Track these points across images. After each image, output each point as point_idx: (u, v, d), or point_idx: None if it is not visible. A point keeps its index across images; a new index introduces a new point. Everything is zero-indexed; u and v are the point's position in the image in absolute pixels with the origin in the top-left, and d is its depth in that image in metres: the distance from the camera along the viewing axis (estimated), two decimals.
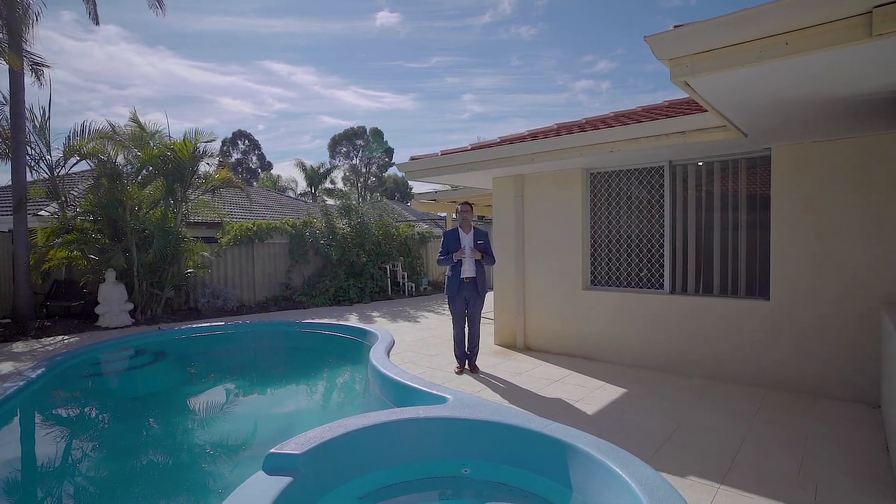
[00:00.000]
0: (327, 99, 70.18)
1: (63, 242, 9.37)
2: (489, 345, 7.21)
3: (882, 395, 4.21)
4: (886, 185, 4.53)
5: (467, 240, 5.73)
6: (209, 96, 68.18)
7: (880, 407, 4.37)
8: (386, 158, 48.79)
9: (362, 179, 48.31)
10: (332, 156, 47.96)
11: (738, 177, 5.55)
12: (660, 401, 4.71)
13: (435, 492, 3.52)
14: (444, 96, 72.28)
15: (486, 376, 5.59)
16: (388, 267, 13.99)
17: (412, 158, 7.01)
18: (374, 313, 10.67)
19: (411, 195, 39.56)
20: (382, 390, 5.43)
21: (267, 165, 49.46)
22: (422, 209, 15.56)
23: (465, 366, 5.83)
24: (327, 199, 31.38)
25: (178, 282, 10.63)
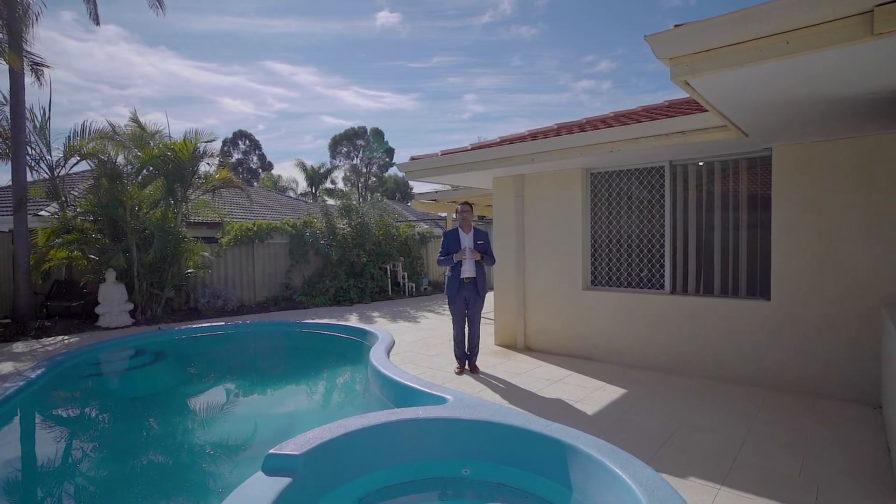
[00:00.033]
0: (328, 99, 70.33)
1: (63, 242, 9.37)
2: (489, 345, 7.20)
3: (883, 396, 4.20)
4: (887, 185, 4.52)
5: (467, 240, 5.72)
6: (210, 96, 68.35)
7: (881, 408, 4.36)
8: (387, 158, 48.82)
9: (363, 179, 48.33)
10: (333, 156, 48.02)
11: (738, 177, 5.54)
12: (660, 401, 4.70)
13: (435, 492, 3.51)
14: (445, 96, 72.42)
15: (487, 377, 5.58)
16: (389, 267, 13.99)
17: (412, 158, 7.01)
18: (375, 313, 10.67)
19: (412, 195, 39.55)
20: (382, 391, 5.43)
21: (268, 165, 49.49)
22: (422, 209, 15.56)
23: (466, 366, 5.82)
24: (328, 200, 31.40)
25: (179, 282, 10.63)
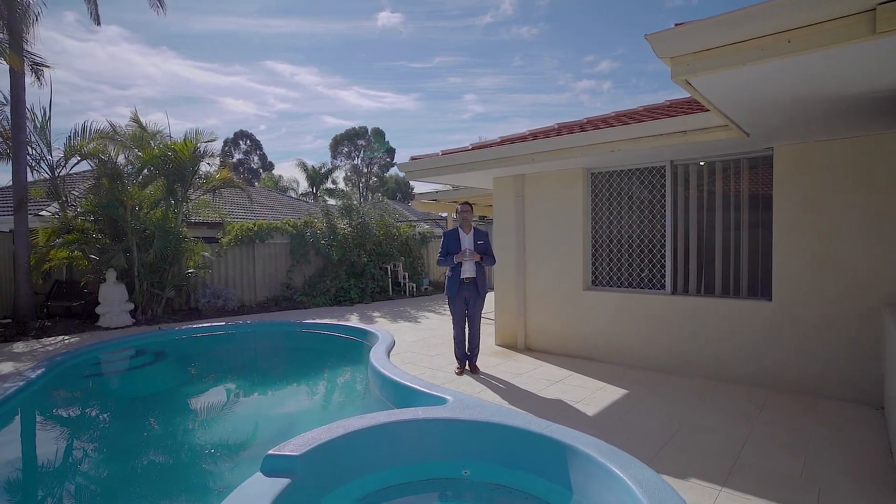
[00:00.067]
0: (329, 99, 70.35)
1: (64, 242, 9.37)
2: (490, 345, 7.19)
3: (885, 397, 4.18)
4: (887, 185, 4.50)
5: (467, 240, 5.70)
6: (211, 97, 68.39)
7: (883, 408, 4.34)
8: (387, 158, 48.82)
9: (364, 179, 48.34)
10: (334, 156, 48.03)
11: (739, 177, 5.52)
12: (661, 402, 4.68)
13: (434, 493, 3.49)
14: (445, 96, 72.38)
15: (487, 377, 5.57)
16: (389, 267, 13.98)
17: (413, 158, 7.00)
18: (375, 313, 10.66)
19: (413, 195, 39.53)
20: (382, 391, 5.41)
21: (269, 166, 49.51)
22: (423, 209, 15.54)
23: (466, 366, 5.81)
24: (328, 200, 31.41)
25: (179, 282, 10.63)
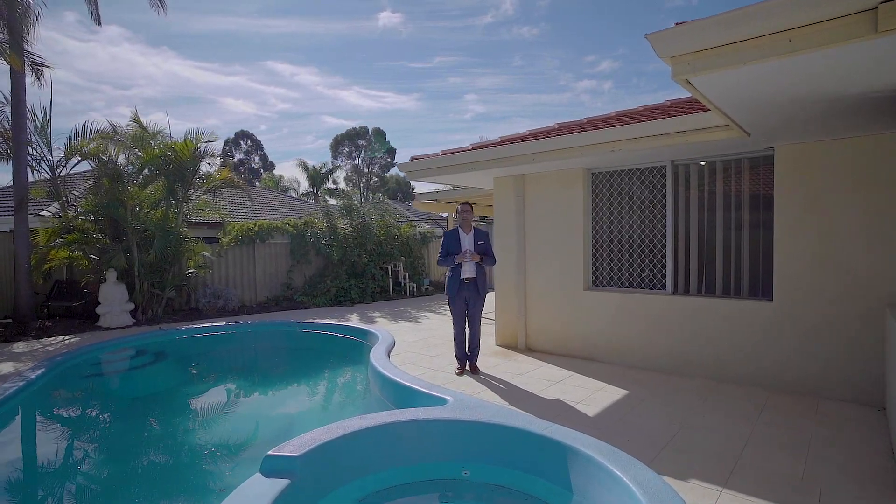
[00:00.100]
0: (330, 99, 70.38)
1: (64, 242, 9.37)
2: (490, 345, 7.18)
3: (887, 398, 4.16)
4: (888, 185, 4.49)
5: (467, 240, 5.69)
6: (212, 97, 68.46)
7: (884, 409, 4.33)
8: (388, 158, 48.83)
9: (364, 179, 48.35)
10: (335, 156, 48.06)
11: (740, 177, 5.51)
12: (661, 402, 4.67)
13: (434, 494, 3.48)
14: (446, 96, 72.40)
15: (487, 377, 5.56)
16: (390, 267, 13.97)
17: (413, 158, 6.99)
18: (376, 314, 10.65)
19: (413, 195, 39.54)
20: (383, 391, 5.41)
21: (269, 166, 49.54)
22: (423, 209, 15.54)
23: (466, 367, 5.80)
24: (329, 200, 31.42)
25: (180, 282, 10.63)
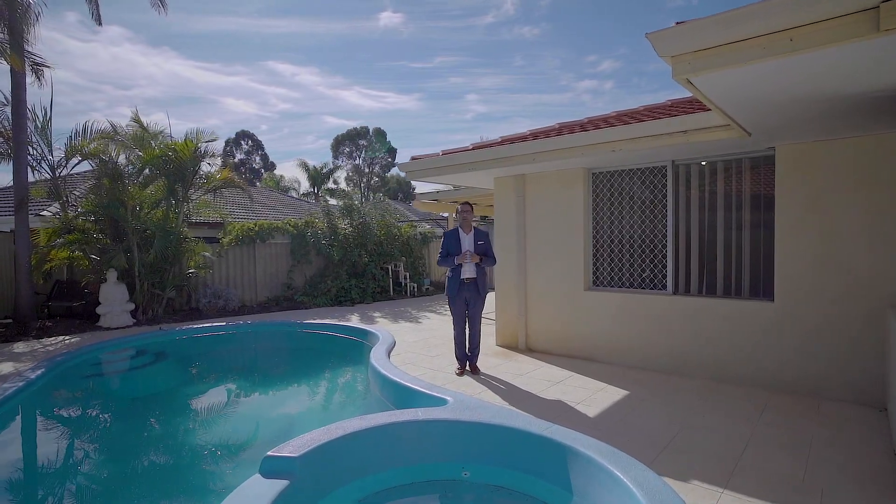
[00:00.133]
0: (331, 99, 70.31)
1: (65, 242, 9.37)
2: (490, 346, 7.17)
3: (888, 399, 4.14)
4: (889, 185, 4.47)
5: (467, 240, 5.68)
6: (213, 97, 68.42)
7: (885, 409, 4.31)
8: (389, 158, 48.80)
9: (365, 180, 48.35)
10: (336, 156, 48.04)
11: (741, 176, 5.49)
12: (662, 403, 4.66)
13: (434, 495, 3.47)
14: (447, 96, 72.28)
15: (487, 378, 5.55)
16: (390, 267, 13.96)
17: (413, 158, 6.98)
18: (376, 314, 10.65)
19: (414, 195, 39.54)
20: (383, 392, 5.40)
21: (270, 166, 49.55)
22: (424, 209, 15.52)
23: (466, 367, 5.79)
24: (330, 199, 31.42)
25: (180, 282, 10.63)
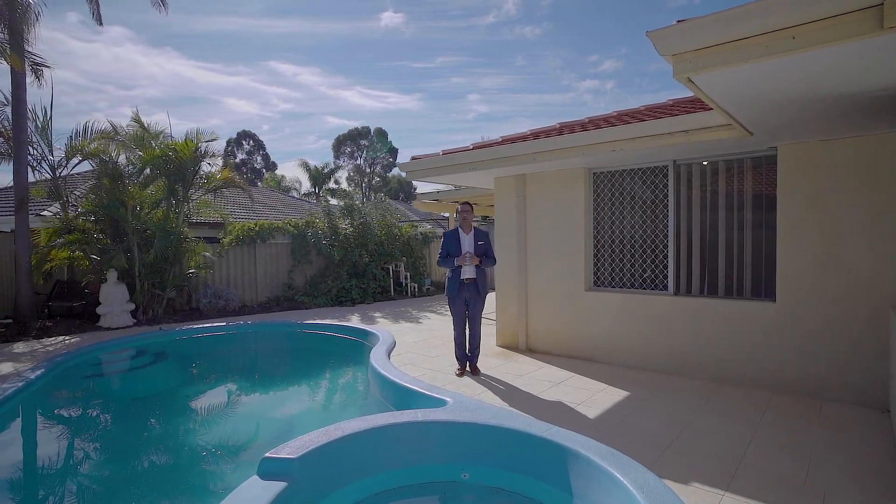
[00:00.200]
0: (332, 99, 70.37)
1: (65, 242, 9.37)
2: (491, 346, 7.15)
3: (891, 400, 4.11)
4: (891, 185, 4.44)
5: (468, 240, 5.66)
6: (215, 97, 68.51)
7: (888, 411, 4.28)
8: (390, 158, 48.80)
9: (366, 180, 48.36)
10: (337, 156, 48.06)
11: (743, 176, 5.46)
12: (663, 404, 4.63)
13: (433, 497, 3.46)
14: (449, 96, 72.32)
15: (487, 378, 5.53)
16: (391, 267, 13.95)
17: (413, 158, 6.96)
18: (376, 314, 10.63)
19: (415, 195, 39.51)
20: (382, 392, 5.38)
21: (271, 166, 49.59)
22: (424, 209, 15.50)
23: (466, 367, 5.77)
24: (330, 199, 31.41)
25: (180, 282, 10.62)
